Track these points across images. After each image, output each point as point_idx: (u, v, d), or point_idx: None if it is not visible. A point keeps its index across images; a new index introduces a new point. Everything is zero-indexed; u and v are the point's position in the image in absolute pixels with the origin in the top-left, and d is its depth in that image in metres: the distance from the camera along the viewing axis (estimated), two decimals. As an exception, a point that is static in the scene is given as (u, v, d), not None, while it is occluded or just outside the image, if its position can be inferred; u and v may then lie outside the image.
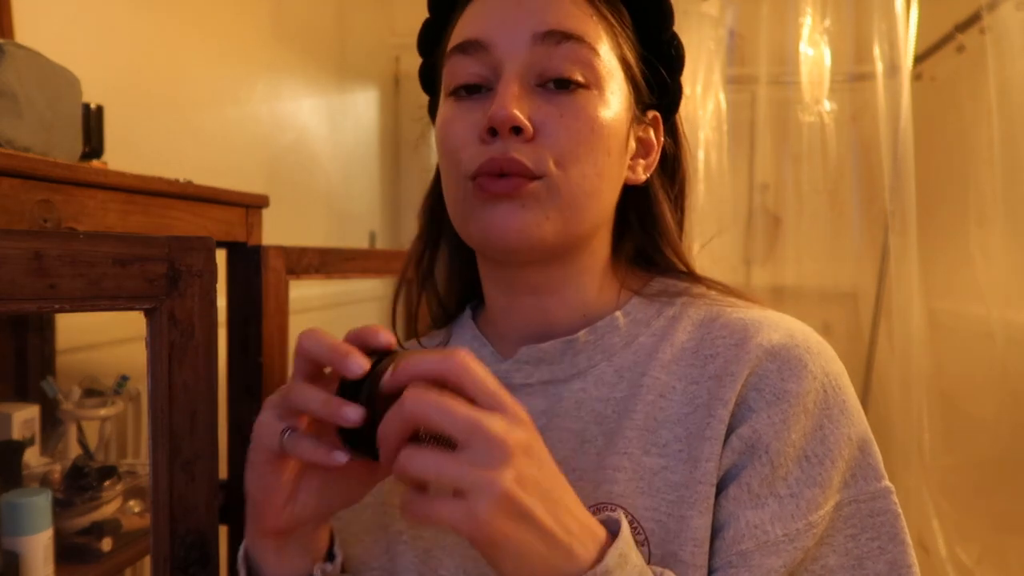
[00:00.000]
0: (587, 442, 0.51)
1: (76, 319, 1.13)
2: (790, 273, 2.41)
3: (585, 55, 0.50)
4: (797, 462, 0.47)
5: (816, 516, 0.46)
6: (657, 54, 0.57)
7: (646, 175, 0.57)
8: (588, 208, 0.52)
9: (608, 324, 0.55)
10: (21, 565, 0.76)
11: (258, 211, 1.06)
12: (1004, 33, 1.71)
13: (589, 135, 0.50)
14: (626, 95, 0.54)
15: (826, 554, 0.46)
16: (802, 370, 0.49)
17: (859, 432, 0.49)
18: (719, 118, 2.17)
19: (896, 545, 0.48)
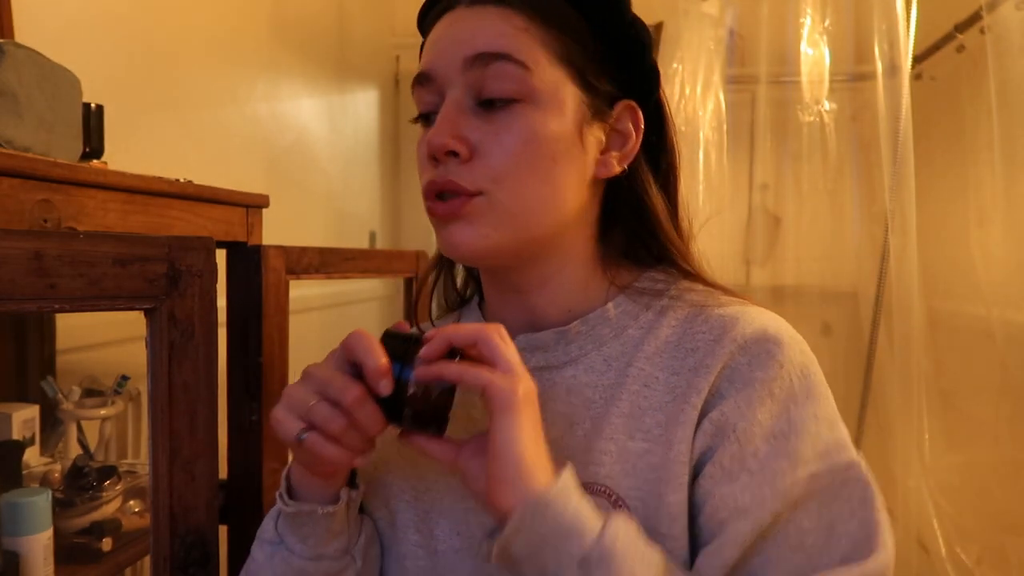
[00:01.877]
0: (576, 424, 0.56)
1: (76, 319, 1.13)
2: (790, 273, 2.41)
3: (513, 72, 0.53)
4: (764, 439, 0.51)
5: (783, 484, 0.49)
6: (619, 42, 0.57)
7: (622, 166, 0.58)
8: (535, 215, 0.55)
9: (599, 316, 0.59)
10: (21, 565, 0.76)
11: (258, 211, 1.06)
12: (1004, 33, 1.70)
13: (524, 148, 0.53)
14: (573, 97, 0.56)
15: (800, 518, 0.49)
16: (769, 360, 0.53)
17: (827, 413, 0.53)
18: (719, 118, 2.17)
19: (866, 509, 0.49)
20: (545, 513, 0.45)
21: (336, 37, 2.30)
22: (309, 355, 1.03)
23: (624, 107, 0.58)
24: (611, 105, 0.58)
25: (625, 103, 0.58)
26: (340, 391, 0.49)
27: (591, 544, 0.45)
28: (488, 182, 0.54)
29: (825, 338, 2.52)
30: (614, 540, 0.45)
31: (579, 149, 0.56)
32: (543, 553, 0.45)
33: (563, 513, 0.46)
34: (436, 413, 0.50)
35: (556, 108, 0.54)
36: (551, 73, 0.54)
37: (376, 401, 0.49)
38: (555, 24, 0.55)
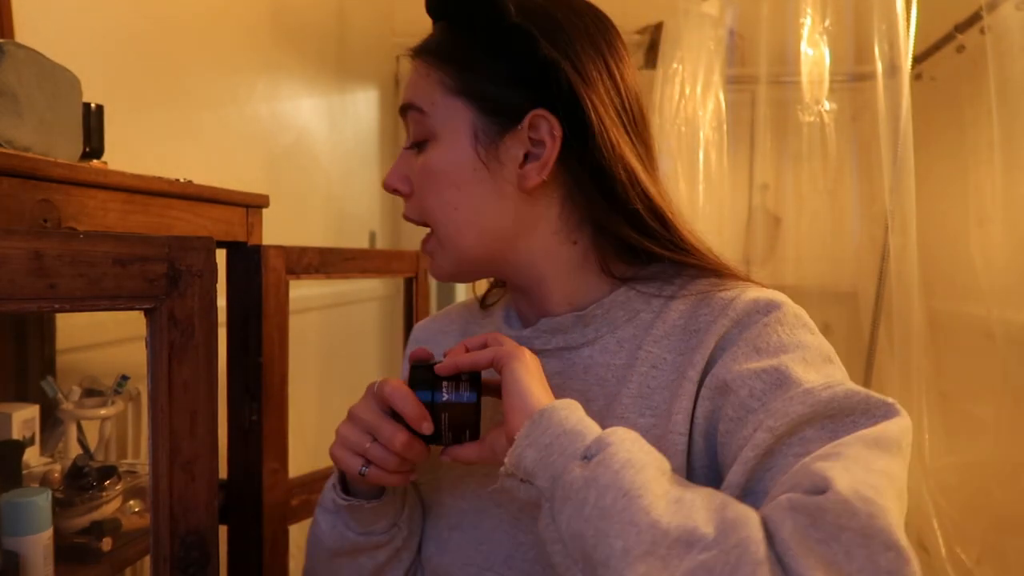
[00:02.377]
0: (590, 401, 0.61)
1: (76, 319, 1.13)
2: (790, 273, 2.41)
3: (419, 118, 0.62)
4: (756, 377, 0.53)
5: (777, 403, 0.51)
6: (506, 53, 0.59)
7: (542, 176, 0.60)
8: (464, 237, 0.62)
9: (613, 301, 0.63)
10: (21, 565, 0.76)
11: (258, 211, 1.06)
12: (1004, 33, 1.70)
13: (430, 181, 0.62)
14: (469, 121, 0.60)
15: (804, 429, 0.49)
16: (755, 322, 0.57)
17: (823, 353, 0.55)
18: (719, 118, 2.18)
19: (867, 419, 0.49)
20: (550, 419, 0.51)
21: (336, 37, 2.30)
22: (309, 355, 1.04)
23: (534, 116, 0.59)
24: (519, 118, 0.59)
25: (535, 113, 0.59)
26: (389, 439, 0.58)
27: (592, 440, 0.49)
28: (424, 213, 0.64)
29: (825, 338, 2.52)
30: (612, 432, 0.49)
31: (484, 171, 0.60)
32: (551, 457, 0.49)
33: (566, 419, 0.51)
34: (469, 423, 0.59)
35: (452, 139, 0.61)
36: (447, 108, 0.61)
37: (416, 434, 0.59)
38: (447, 60, 0.61)
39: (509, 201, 0.61)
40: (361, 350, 2.50)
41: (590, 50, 0.61)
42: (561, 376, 0.63)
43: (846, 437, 0.47)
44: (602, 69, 0.61)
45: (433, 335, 0.78)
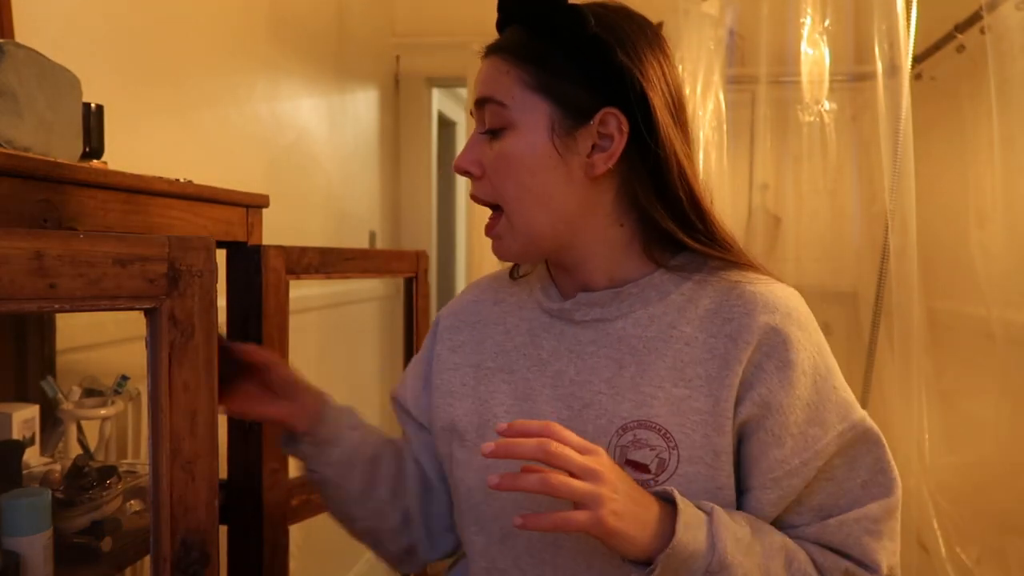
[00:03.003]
0: (623, 368, 0.69)
1: (76, 319, 1.13)
2: (790, 273, 2.40)
3: (494, 110, 0.69)
4: (803, 410, 0.66)
5: (820, 445, 0.65)
6: (585, 59, 0.67)
7: (607, 165, 0.68)
8: (535, 218, 0.69)
9: (648, 282, 0.71)
10: (21, 565, 0.76)
11: (258, 211, 1.06)
12: (1004, 33, 1.70)
13: (506, 166, 0.69)
14: (544, 116, 0.68)
15: (832, 460, 0.67)
16: (798, 344, 0.67)
17: (840, 382, 0.69)
18: (719, 118, 2.17)
19: (878, 447, 0.68)
20: (676, 555, 0.59)
21: (336, 37, 2.30)
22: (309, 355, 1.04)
23: (605, 114, 0.67)
24: (591, 114, 0.67)
25: (606, 110, 0.67)
26: None
27: (706, 559, 0.60)
28: (496, 195, 0.70)
29: (825, 338, 2.52)
30: (724, 548, 0.60)
31: (558, 159, 0.68)
32: (679, 574, 0.60)
33: (687, 547, 0.59)
34: None
35: (531, 130, 0.68)
36: (526, 101, 0.68)
37: None
38: (528, 60, 0.68)
39: (575, 186, 0.69)
40: (361, 350, 2.50)
41: (650, 56, 0.70)
42: (595, 344, 0.71)
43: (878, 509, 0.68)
44: (659, 73, 0.70)
45: (464, 306, 0.84)
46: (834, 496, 0.67)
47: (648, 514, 0.60)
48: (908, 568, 1.79)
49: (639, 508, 0.60)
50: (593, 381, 0.70)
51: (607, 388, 0.69)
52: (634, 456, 0.66)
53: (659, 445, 0.66)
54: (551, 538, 0.69)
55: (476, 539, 0.74)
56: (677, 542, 0.58)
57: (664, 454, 0.65)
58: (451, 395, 0.78)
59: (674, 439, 0.66)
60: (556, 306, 0.74)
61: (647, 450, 0.66)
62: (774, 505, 0.66)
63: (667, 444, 0.66)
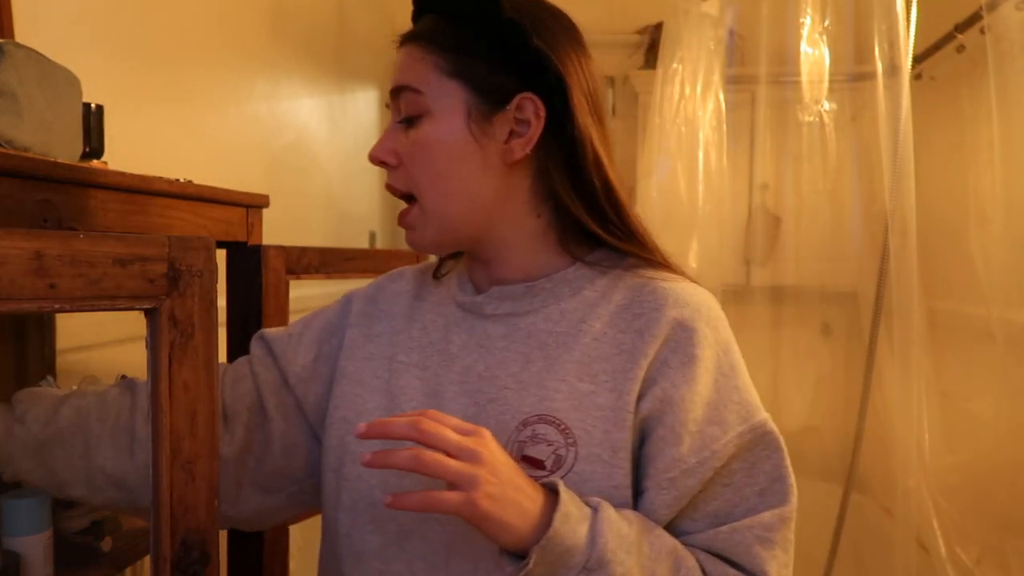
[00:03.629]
0: (531, 362, 0.68)
1: (76, 319, 1.13)
2: (790, 273, 2.40)
3: (409, 98, 0.68)
4: (702, 407, 0.65)
5: (718, 445, 0.64)
6: (501, 42, 0.67)
7: (525, 151, 0.68)
8: (450, 205, 0.69)
9: (561, 277, 0.71)
10: (21, 565, 0.76)
11: (258, 211, 1.06)
12: (1004, 33, 1.70)
13: (422, 154, 0.68)
14: (461, 102, 0.67)
15: (731, 464, 0.65)
16: (704, 340, 0.66)
17: (744, 382, 0.68)
18: (719, 118, 2.17)
19: (777, 453, 0.67)
20: (552, 548, 0.57)
21: (336, 37, 2.30)
22: (309, 355, 1.00)
23: (522, 99, 0.67)
24: (508, 100, 0.67)
25: (523, 95, 0.67)
26: None
27: (585, 554, 0.58)
28: (411, 184, 0.70)
29: (825, 338, 2.52)
30: (604, 545, 0.58)
31: (474, 145, 0.67)
32: (555, 570, 0.58)
33: (564, 540, 0.57)
34: None
35: (447, 116, 0.67)
36: (441, 87, 0.67)
37: None
38: (444, 46, 0.68)
39: (492, 173, 0.68)
40: (361, 350, 2.50)
41: (567, 45, 0.69)
42: (505, 339, 0.70)
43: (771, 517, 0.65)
44: (576, 62, 0.69)
45: (384, 295, 0.81)
46: (731, 503, 0.65)
47: (530, 504, 0.58)
48: (908, 568, 1.79)
49: (520, 495, 0.57)
50: (500, 376, 0.68)
51: (513, 383, 0.67)
52: (530, 452, 0.65)
53: (557, 441, 0.64)
54: (446, 541, 0.66)
55: (372, 538, 0.70)
56: (554, 533, 0.56)
57: (562, 450, 0.64)
58: (361, 385, 0.75)
59: (573, 435, 0.64)
60: (468, 300, 0.73)
61: (544, 445, 0.64)
62: (669, 507, 0.64)
63: (565, 440, 0.64)
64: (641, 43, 2.82)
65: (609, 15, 2.87)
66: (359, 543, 0.70)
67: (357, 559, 0.70)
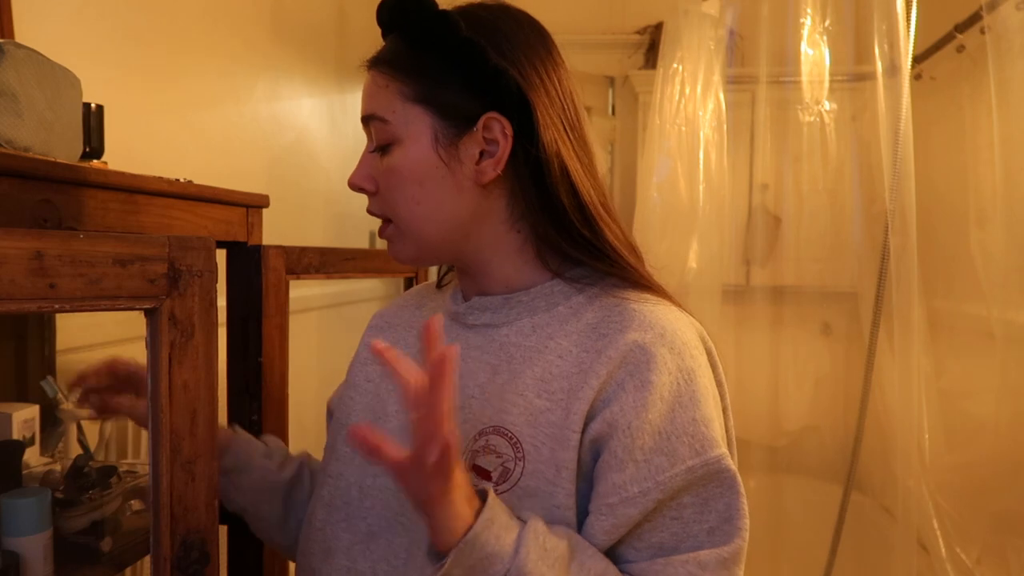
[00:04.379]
0: (498, 374, 0.68)
1: (76, 319, 1.13)
2: (790, 273, 2.40)
3: (380, 126, 0.68)
4: (652, 436, 0.62)
5: (663, 477, 0.61)
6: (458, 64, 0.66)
7: (496, 171, 0.67)
8: (427, 228, 0.69)
9: (539, 291, 0.71)
10: (21, 565, 0.76)
11: (258, 211, 1.06)
12: (1004, 33, 1.70)
13: (396, 180, 0.68)
14: (427, 127, 0.67)
15: (682, 498, 0.62)
16: (663, 365, 0.63)
17: (704, 414, 0.63)
18: (719, 118, 2.17)
19: (731, 492, 0.63)
20: (472, 551, 0.56)
21: (336, 37, 2.30)
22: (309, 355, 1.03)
23: (487, 119, 0.66)
24: (474, 121, 0.66)
25: (488, 115, 0.66)
26: None
27: (506, 563, 0.56)
28: (388, 209, 0.71)
29: (825, 338, 2.52)
30: (526, 556, 0.56)
31: (444, 169, 0.67)
32: (476, 571, 0.56)
33: (484, 546, 0.56)
34: None
35: (414, 143, 0.67)
36: (407, 115, 0.67)
37: None
38: (405, 71, 0.67)
39: (467, 194, 0.68)
40: (361, 350, 2.50)
41: (532, 57, 0.68)
42: (480, 349, 0.71)
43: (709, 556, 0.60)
44: (543, 74, 0.68)
45: (393, 310, 0.86)
46: (677, 537, 0.62)
47: (465, 507, 0.57)
48: (908, 568, 1.79)
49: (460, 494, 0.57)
50: (468, 385, 0.69)
51: (479, 393, 0.68)
52: (480, 461, 0.65)
53: (507, 454, 0.64)
54: (407, 546, 0.68)
55: (343, 535, 0.72)
56: (474, 536, 0.55)
57: (510, 463, 0.64)
58: (355, 388, 0.79)
59: (523, 450, 0.64)
60: (455, 309, 0.75)
61: (494, 457, 0.64)
62: (607, 534, 0.61)
63: (515, 454, 0.64)
64: (641, 43, 2.82)
65: (609, 15, 2.87)
66: (331, 539, 0.73)
67: (327, 554, 0.73)
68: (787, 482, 2.38)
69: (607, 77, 2.85)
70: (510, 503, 0.61)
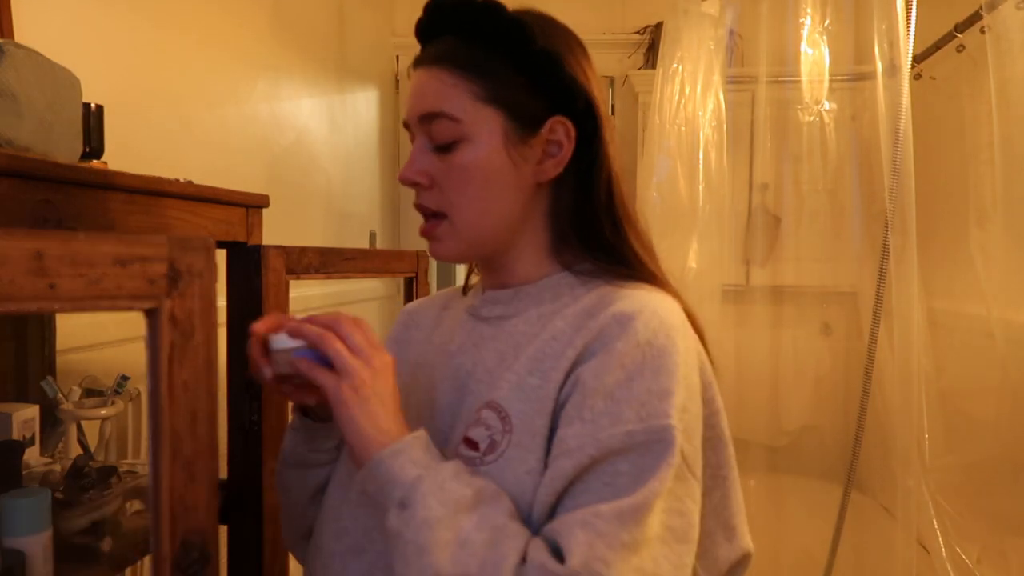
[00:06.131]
0: (504, 359, 0.72)
1: (76, 319, 1.13)
2: (790, 273, 2.40)
3: (445, 125, 0.69)
4: (604, 398, 0.63)
5: (603, 435, 0.61)
6: (534, 69, 0.70)
7: (557, 171, 0.72)
8: (483, 226, 0.72)
9: (547, 283, 0.75)
10: (26, 564, 0.76)
11: (258, 211, 1.06)
12: (1004, 33, 1.70)
13: (463, 178, 0.70)
14: (499, 127, 0.70)
15: (617, 462, 0.61)
16: (631, 335, 0.64)
17: (663, 386, 0.63)
18: (719, 118, 2.17)
19: (662, 459, 0.61)
20: (378, 470, 0.61)
21: (336, 37, 2.30)
22: (309, 355, 0.99)
23: (554, 122, 0.71)
24: (541, 123, 0.71)
25: (555, 119, 0.71)
26: None
27: (404, 490, 0.60)
28: (445, 205, 0.72)
29: (825, 338, 2.52)
30: (418, 483, 0.59)
31: (511, 166, 0.71)
32: (381, 494, 0.61)
33: (390, 469, 0.61)
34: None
35: (485, 141, 0.70)
36: (478, 114, 0.69)
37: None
38: (477, 72, 0.69)
39: (523, 193, 0.72)
40: (361, 350, 2.50)
41: (585, 65, 0.73)
42: (493, 340, 0.74)
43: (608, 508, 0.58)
44: (594, 80, 0.74)
45: (420, 307, 0.90)
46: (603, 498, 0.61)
47: (388, 424, 0.63)
48: (908, 568, 1.79)
49: (382, 411, 0.63)
50: (478, 372, 0.72)
51: (487, 377, 0.71)
52: (471, 433, 0.67)
53: (495, 427, 0.67)
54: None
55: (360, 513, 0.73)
56: (379, 459, 0.61)
57: (498, 436, 0.66)
58: None
59: (511, 424, 0.66)
60: (472, 303, 0.79)
61: (483, 429, 0.67)
62: (545, 487, 0.62)
63: (503, 427, 0.66)
64: (641, 43, 2.82)
65: (609, 15, 2.87)
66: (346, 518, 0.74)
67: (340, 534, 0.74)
68: (787, 482, 2.38)
69: (607, 77, 2.85)
70: (495, 475, 0.64)
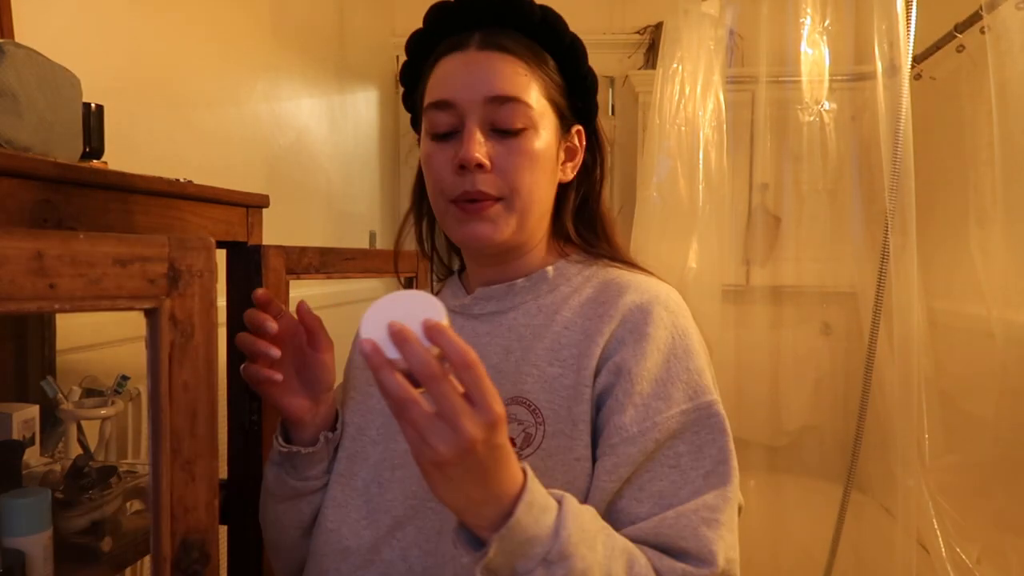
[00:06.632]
0: (510, 353, 0.74)
1: (76, 319, 1.13)
2: (790, 273, 2.40)
3: (522, 110, 0.72)
4: (649, 382, 0.68)
5: (660, 418, 0.66)
6: (577, 84, 0.78)
7: (572, 174, 0.80)
8: (533, 212, 0.75)
9: (540, 276, 0.78)
10: (27, 564, 0.76)
11: (258, 211, 1.06)
12: (1004, 33, 1.70)
13: (528, 164, 0.73)
14: (553, 124, 0.76)
15: (676, 444, 0.67)
16: (659, 320, 0.70)
17: (697, 365, 0.70)
18: (719, 118, 2.17)
19: (723, 436, 0.68)
20: (513, 536, 0.54)
21: (336, 37, 2.30)
22: (309, 355, 1.00)
23: (576, 130, 0.80)
24: (569, 128, 0.79)
25: (577, 127, 0.80)
26: None
27: (549, 545, 0.55)
28: (506, 190, 0.73)
29: (825, 338, 2.52)
30: (567, 538, 0.56)
31: (555, 162, 0.77)
32: (514, 560, 0.56)
33: (526, 530, 0.55)
34: None
35: (548, 132, 0.75)
36: (541, 106, 0.74)
37: None
38: (542, 71, 0.75)
39: (554, 188, 0.78)
40: (361, 350, 2.50)
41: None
42: (490, 335, 0.76)
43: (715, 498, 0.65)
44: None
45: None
46: (676, 484, 0.66)
47: (501, 487, 0.54)
48: (908, 568, 1.79)
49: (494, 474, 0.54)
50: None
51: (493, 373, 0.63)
52: None
53: (527, 420, 0.69)
54: (438, 524, 0.69)
55: (364, 533, 0.73)
56: (516, 522, 0.54)
57: (531, 429, 0.68)
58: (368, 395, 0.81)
59: (542, 415, 0.69)
60: (459, 302, 0.81)
61: (515, 424, 0.69)
62: (609, 473, 0.65)
63: (535, 419, 0.69)
64: (641, 43, 2.82)
65: (609, 15, 2.87)
66: (347, 538, 0.74)
67: (345, 554, 0.73)
68: (787, 482, 2.38)
69: (607, 77, 2.85)
70: (535, 466, 0.63)
